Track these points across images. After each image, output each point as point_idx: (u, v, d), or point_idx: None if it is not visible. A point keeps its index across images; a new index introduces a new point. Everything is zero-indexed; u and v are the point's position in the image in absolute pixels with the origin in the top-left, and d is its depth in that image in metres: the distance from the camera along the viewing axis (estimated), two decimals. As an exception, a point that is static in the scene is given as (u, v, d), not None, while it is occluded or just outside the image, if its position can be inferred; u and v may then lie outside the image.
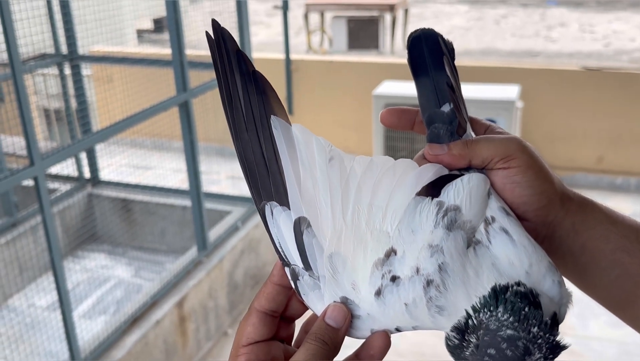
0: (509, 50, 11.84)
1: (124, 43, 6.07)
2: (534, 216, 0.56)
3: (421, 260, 0.51)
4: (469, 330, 0.49)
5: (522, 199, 0.55)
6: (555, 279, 0.51)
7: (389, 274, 0.52)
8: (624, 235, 0.57)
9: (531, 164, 0.55)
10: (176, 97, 3.24)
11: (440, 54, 0.59)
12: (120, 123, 2.93)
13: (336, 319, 0.53)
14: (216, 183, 5.26)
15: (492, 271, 0.50)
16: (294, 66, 5.63)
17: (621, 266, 0.56)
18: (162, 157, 5.60)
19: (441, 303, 0.50)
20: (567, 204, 0.57)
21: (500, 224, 0.53)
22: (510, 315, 0.47)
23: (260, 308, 0.56)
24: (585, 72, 5.08)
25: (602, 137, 5.17)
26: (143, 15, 7.58)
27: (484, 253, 0.52)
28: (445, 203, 0.53)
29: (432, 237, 0.51)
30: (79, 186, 4.40)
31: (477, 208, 0.53)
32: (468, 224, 0.52)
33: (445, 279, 0.50)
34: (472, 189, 0.54)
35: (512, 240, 0.52)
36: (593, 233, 0.57)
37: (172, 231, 4.26)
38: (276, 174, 0.55)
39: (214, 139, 4.95)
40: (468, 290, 0.50)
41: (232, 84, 0.57)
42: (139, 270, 4.15)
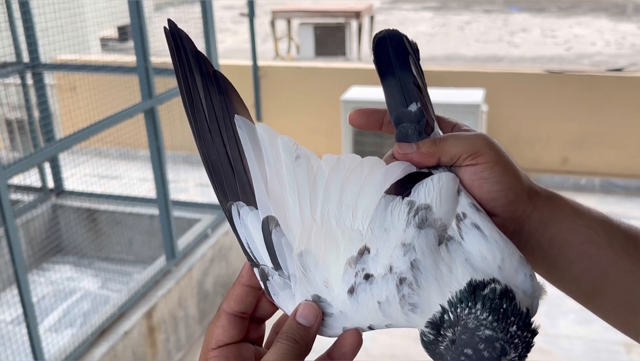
0: (473, 55, 12.02)
1: (88, 51, 5.99)
2: (503, 212, 0.56)
3: (394, 259, 0.51)
4: (444, 325, 0.49)
5: (490, 195, 0.56)
6: (527, 273, 0.52)
7: (362, 272, 0.52)
8: (590, 227, 0.57)
9: (498, 160, 0.56)
10: (142, 103, 3.19)
11: (406, 54, 0.60)
12: (84, 130, 2.88)
13: (307, 317, 0.52)
14: (184, 190, 5.20)
15: (466, 267, 0.51)
16: (261, 72, 5.61)
17: (589, 258, 0.57)
18: (128, 167, 5.51)
19: (414, 300, 0.50)
20: (534, 198, 0.58)
21: (472, 220, 0.53)
22: (490, 313, 0.47)
23: (229, 310, 0.55)
24: (549, 75, 5.17)
25: (567, 138, 5.26)
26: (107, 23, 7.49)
27: (457, 248, 0.52)
28: (416, 202, 0.53)
29: (404, 236, 0.52)
30: (42, 197, 4.31)
31: (448, 206, 0.54)
32: (439, 222, 0.53)
33: (418, 276, 0.50)
34: (442, 188, 0.54)
35: (484, 235, 0.52)
36: (561, 226, 0.57)
37: (139, 240, 4.19)
38: (242, 174, 0.54)
39: (181, 147, 4.90)
40: (441, 286, 0.50)
41: (192, 84, 0.56)
42: (106, 281, 4.07)
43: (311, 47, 10.61)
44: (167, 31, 0.57)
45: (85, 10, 4.51)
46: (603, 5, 16.68)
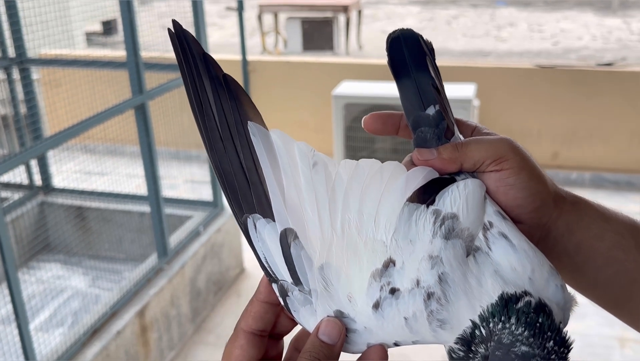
0: (461, 50, 12.03)
1: (73, 46, 5.91)
2: (529, 218, 0.55)
3: (422, 272, 0.49)
4: (476, 340, 0.47)
5: (516, 202, 0.54)
6: (558, 284, 0.50)
7: (387, 286, 0.50)
8: (617, 232, 0.56)
9: (523, 165, 0.54)
10: (132, 99, 3.14)
11: (423, 54, 0.58)
12: (73, 128, 2.82)
13: (330, 334, 0.50)
14: (174, 187, 5.15)
15: (496, 279, 0.49)
16: (251, 67, 5.56)
17: (617, 264, 0.56)
18: (116, 163, 5.44)
19: (443, 316, 0.49)
20: (560, 204, 0.56)
21: (499, 229, 0.51)
22: (525, 328, 0.45)
23: (248, 329, 0.53)
24: (539, 70, 5.18)
25: (557, 133, 5.27)
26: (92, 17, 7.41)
27: (485, 260, 0.50)
28: (441, 212, 0.51)
29: (431, 247, 0.50)
30: (30, 195, 4.24)
31: (475, 215, 0.52)
32: (466, 232, 0.51)
33: (446, 290, 0.49)
34: (469, 196, 0.52)
35: (512, 245, 0.50)
36: (587, 232, 0.56)
37: (129, 238, 4.14)
38: (257, 185, 0.52)
39: (169, 142, 4.85)
40: (471, 300, 0.48)
41: (201, 89, 0.54)
42: (96, 280, 4.02)
43: (299, 41, 10.56)
44: (171, 33, 0.54)
45: (70, 4, 4.44)
46: (589, 0, 16.78)
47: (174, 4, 3.96)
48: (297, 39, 10.58)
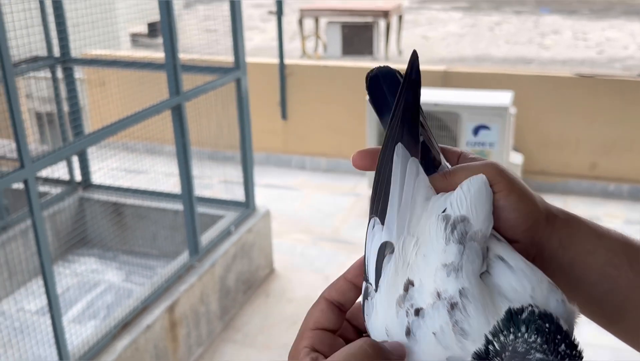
0: (503, 57, 11.89)
1: (118, 47, 6.05)
2: (523, 237, 0.56)
3: (439, 283, 0.50)
4: (490, 355, 0.48)
5: (508, 223, 0.55)
6: (559, 298, 0.51)
7: (412, 309, 0.51)
8: (610, 249, 0.57)
9: (512, 187, 0.55)
10: (169, 100, 3.22)
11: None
12: (112, 126, 2.91)
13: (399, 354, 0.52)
14: (209, 187, 5.23)
15: (502, 299, 0.50)
16: (288, 70, 5.62)
17: (610, 280, 0.56)
18: (154, 161, 5.56)
19: (466, 327, 0.49)
20: (552, 221, 0.57)
21: (494, 252, 0.52)
22: (537, 335, 0.47)
23: (329, 297, 0.58)
24: (579, 79, 5.10)
25: (596, 143, 5.18)
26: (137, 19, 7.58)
27: (488, 281, 0.51)
28: (451, 216, 0.52)
29: (445, 256, 0.51)
30: (70, 190, 4.37)
31: (484, 213, 0.53)
32: (479, 233, 0.52)
33: (467, 305, 0.50)
34: (474, 195, 0.53)
35: (510, 267, 0.51)
36: (580, 248, 0.57)
37: (163, 235, 4.23)
38: (387, 195, 0.56)
39: (206, 143, 4.93)
40: (488, 316, 0.49)
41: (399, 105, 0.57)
42: (129, 275, 4.12)
43: (338, 46, 10.59)
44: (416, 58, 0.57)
45: (116, 6, 4.57)
46: (636, 9, 16.37)
47: (216, 7, 4.03)
48: (337, 44, 10.62)
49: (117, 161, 4.80)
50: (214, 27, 4.21)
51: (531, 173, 5.21)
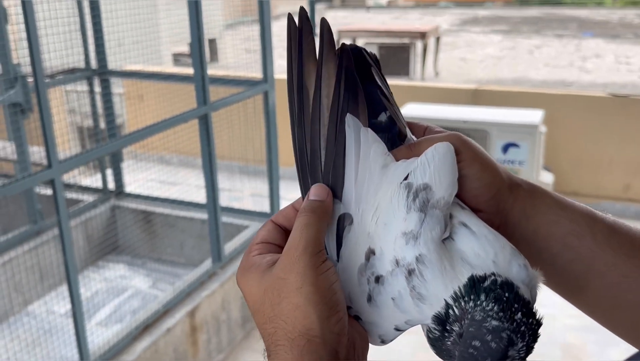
0: (542, 79, 11.76)
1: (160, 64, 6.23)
2: (487, 207, 0.57)
3: (398, 251, 0.52)
4: (450, 320, 0.50)
5: (472, 192, 0.57)
6: (521, 263, 0.52)
7: (372, 277, 0.53)
8: (573, 220, 0.58)
9: (475, 156, 0.57)
10: (197, 109, 3.31)
11: (367, 65, 0.59)
12: (141, 131, 3.01)
13: (319, 194, 0.56)
14: (239, 199, 5.32)
15: (464, 264, 0.51)
16: (319, 87, 5.67)
17: (572, 250, 0.57)
18: (187, 174, 5.68)
19: (423, 292, 0.51)
20: (515, 191, 0.58)
21: (459, 218, 0.54)
22: (495, 303, 0.48)
23: (275, 221, 0.60)
24: (612, 99, 5.03)
25: (629, 164, 5.08)
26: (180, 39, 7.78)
27: (452, 247, 0.52)
28: (413, 184, 0.53)
29: (405, 224, 0.52)
30: (103, 198, 4.50)
31: (448, 180, 0.54)
32: (442, 201, 0.52)
33: (423, 270, 0.51)
34: (438, 162, 0.54)
35: (473, 232, 0.53)
36: (544, 218, 0.58)
37: (190, 244, 4.31)
38: (339, 168, 0.56)
39: (237, 157, 5.02)
40: (445, 281, 0.50)
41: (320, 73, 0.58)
42: (156, 281, 4.20)
43: (375, 66, 10.63)
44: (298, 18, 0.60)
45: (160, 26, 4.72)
46: (683, 33, 16.00)
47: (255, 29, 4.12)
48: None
49: (152, 173, 4.94)
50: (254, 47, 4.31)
51: (563, 194, 5.10)
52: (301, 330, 0.51)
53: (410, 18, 18.86)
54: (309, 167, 0.58)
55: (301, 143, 0.58)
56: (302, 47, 0.59)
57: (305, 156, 0.58)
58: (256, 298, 0.55)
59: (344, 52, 0.57)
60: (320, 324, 0.51)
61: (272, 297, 0.53)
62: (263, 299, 0.54)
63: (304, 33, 0.59)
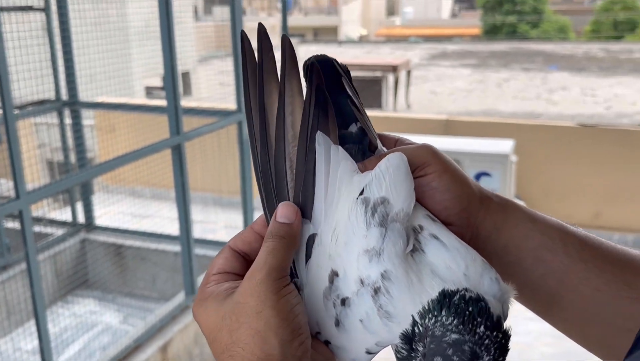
0: (510, 111, 11.99)
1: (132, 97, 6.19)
2: (457, 219, 0.56)
3: (362, 270, 0.50)
4: (415, 338, 0.48)
5: (443, 204, 0.55)
6: (493, 276, 0.50)
7: (338, 300, 0.51)
8: (544, 233, 0.56)
9: (445, 168, 0.56)
10: (169, 139, 3.28)
11: (338, 76, 0.58)
12: (111, 162, 2.96)
13: (287, 215, 0.53)
14: (212, 231, 5.26)
15: (434, 277, 0.49)
16: (292, 118, 5.70)
17: (544, 264, 0.56)
18: (159, 207, 5.61)
19: (390, 309, 0.49)
20: (487, 204, 0.57)
21: (429, 231, 0.52)
22: (455, 317, 0.46)
23: (233, 246, 0.57)
24: (581, 129, 5.13)
25: (599, 193, 5.16)
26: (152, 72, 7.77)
27: (422, 259, 0.51)
28: (370, 199, 0.51)
29: (366, 241, 0.50)
30: (72, 231, 4.41)
31: (405, 191, 0.52)
32: (401, 213, 0.51)
33: (390, 287, 0.49)
34: (393, 174, 0.52)
35: (444, 245, 0.51)
36: (514, 231, 0.57)
37: (163, 277, 4.23)
38: (309, 187, 0.54)
39: (211, 189, 4.98)
40: (413, 296, 0.48)
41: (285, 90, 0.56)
42: (127, 316, 4.10)
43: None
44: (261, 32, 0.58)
45: (132, 58, 4.71)
46: (645, 66, 16.52)
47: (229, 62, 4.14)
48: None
49: (123, 206, 4.86)
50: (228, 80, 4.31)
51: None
52: (260, 355, 0.49)
53: (381, 52, 19.15)
54: (274, 188, 0.56)
55: (264, 164, 0.56)
56: (261, 64, 0.57)
57: (270, 177, 0.56)
58: (213, 327, 0.52)
59: (313, 69, 0.55)
60: (281, 349, 0.49)
61: (231, 323, 0.51)
62: (220, 327, 0.51)
63: (263, 50, 0.58)
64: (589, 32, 28.27)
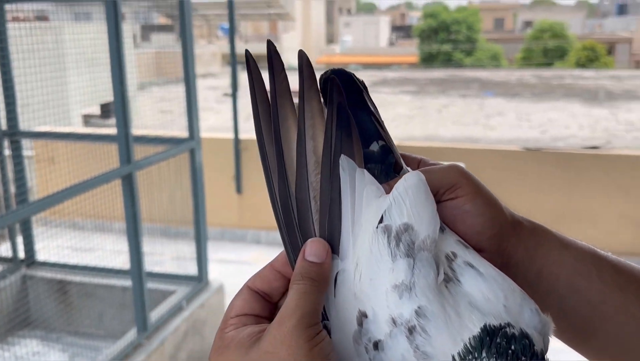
0: (451, 137, 12.27)
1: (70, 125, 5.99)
2: (489, 245, 0.53)
3: (392, 308, 0.45)
4: None
5: (474, 229, 0.52)
6: (533, 308, 0.47)
7: (370, 344, 0.46)
8: (577, 258, 0.54)
9: (477, 190, 0.53)
10: (120, 168, 3.14)
11: (359, 90, 0.54)
12: (57, 195, 2.81)
13: (317, 254, 0.49)
14: (160, 263, 5.08)
15: (473, 311, 0.45)
16: (243, 145, 5.63)
17: (578, 293, 0.53)
18: (103, 239, 5.39)
19: (428, 349, 0.45)
20: (518, 229, 0.54)
21: (464, 258, 0.48)
22: (497, 357, 0.42)
23: (253, 286, 0.52)
24: (527, 153, 5.26)
25: (545, 214, 5.28)
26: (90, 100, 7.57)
27: (458, 290, 0.46)
28: (392, 226, 0.47)
29: (394, 276, 0.45)
30: (12, 268, 4.17)
31: (428, 215, 0.48)
32: (428, 240, 0.46)
33: (426, 325, 0.45)
34: (413, 196, 0.48)
35: (481, 274, 0.47)
36: (548, 258, 0.54)
37: (110, 314, 4.03)
38: (335, 219, 0.49)
39: (158, 219, 4.82)
40: (452, 333, 0.44)
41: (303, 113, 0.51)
42: (74, 357, 3.88)
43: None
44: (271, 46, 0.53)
45: (69, 87, 4.54)
46: (576, 92, 17.29)
47: (171, 90, 4.05)
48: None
49: (65, 239, 4.64)
50: (169, 108, 4.22)
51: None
52: None
53: (322, 79, 19.32)
54: (297, 222, 0.51)
55: (284, 195, 0.51)
56: (274, 85, 0.52)
57: (291, 210, 0.51)
58: None
59: (333, 84, 0.50)
60: None
61: None
62: None
63: (275, 70, 0.53)
64: (520, 60, 29.48)
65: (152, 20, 6.05)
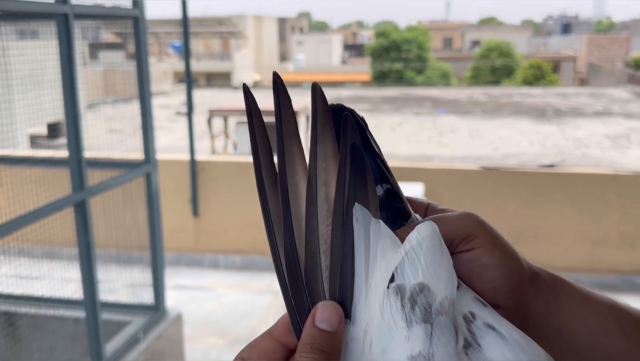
0: (406, 154, 12.37)
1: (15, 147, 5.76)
2: (506, 301, 0.48)
3: None
4: None
5: (492, 284, 0.47)
6: None
7: None
8: (599, 313, 0.51)
9: (495, 241, 0.48)
10: (72, 195, 2.99)
11: (362, 129, 0.48)
12: (5, 226, 2.64)
13: (330, 320, 0.42)
14: (113, 291, 4.88)
15: None
16: (199, 166, 5.50)
17: (601, 351, 0.50)
18: (52, 267, 5.16)
19: None
20: (536, 282, 0.50)
21: (483, 319, 0.44)
22: None
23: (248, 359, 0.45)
24: (484, 171, 5.29)
25: (503, 232, 5.29)
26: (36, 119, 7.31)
27: (479, 357, 0.41)
28: (405, 286, 0.42)
29: (410, 345, 0.40)
30: (-47, 300, 3.92)
31: (446, 272, 0.43)
32: (446, 302, 0.42)
33: None
34: (428, 251, 0.42)
35: (503, 337, 0.43)
36: (567, 313, 0.50)
37: (62, 346, 3.83)
38: (347, 276, 0.43)
39: (111, 245, 4.64)
40: None
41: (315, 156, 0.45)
42: (21, 394, 3.66)
43: (248, 145, 10.65)
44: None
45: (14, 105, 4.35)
46: (524, 109, 17.74)
47: (122, 108, 3.92)
48: (247, 142, 10.68)
49: (8, 267, 4.41)
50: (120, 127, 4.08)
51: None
52: None
53: (276, 98, 19.29)
54: (304, 279, 0.44)
55: (290, 250, 0.44)
56: (281, 124, 0.46)
57: (298, 267, 0.44)
58: None
59: (347, 123, 0.44)
60: None
61: None
62: None
63: (281, 107, 0.47)
64: (469, 78, 30.16)
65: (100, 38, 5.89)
